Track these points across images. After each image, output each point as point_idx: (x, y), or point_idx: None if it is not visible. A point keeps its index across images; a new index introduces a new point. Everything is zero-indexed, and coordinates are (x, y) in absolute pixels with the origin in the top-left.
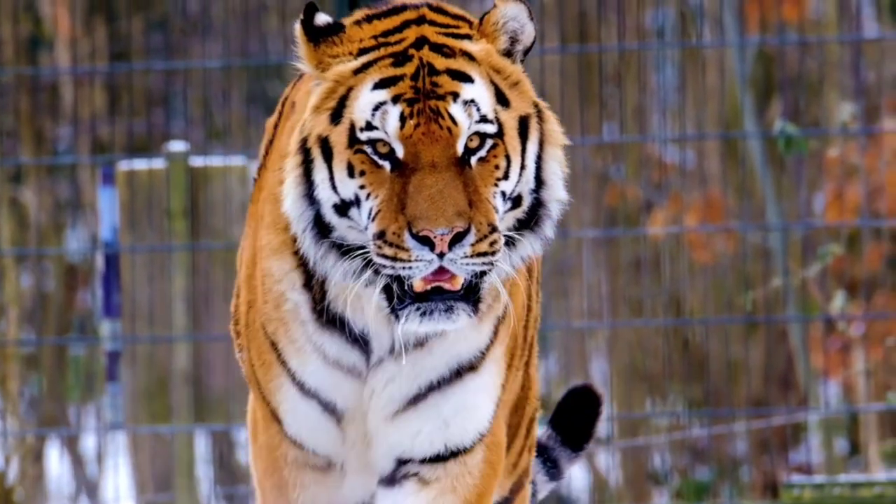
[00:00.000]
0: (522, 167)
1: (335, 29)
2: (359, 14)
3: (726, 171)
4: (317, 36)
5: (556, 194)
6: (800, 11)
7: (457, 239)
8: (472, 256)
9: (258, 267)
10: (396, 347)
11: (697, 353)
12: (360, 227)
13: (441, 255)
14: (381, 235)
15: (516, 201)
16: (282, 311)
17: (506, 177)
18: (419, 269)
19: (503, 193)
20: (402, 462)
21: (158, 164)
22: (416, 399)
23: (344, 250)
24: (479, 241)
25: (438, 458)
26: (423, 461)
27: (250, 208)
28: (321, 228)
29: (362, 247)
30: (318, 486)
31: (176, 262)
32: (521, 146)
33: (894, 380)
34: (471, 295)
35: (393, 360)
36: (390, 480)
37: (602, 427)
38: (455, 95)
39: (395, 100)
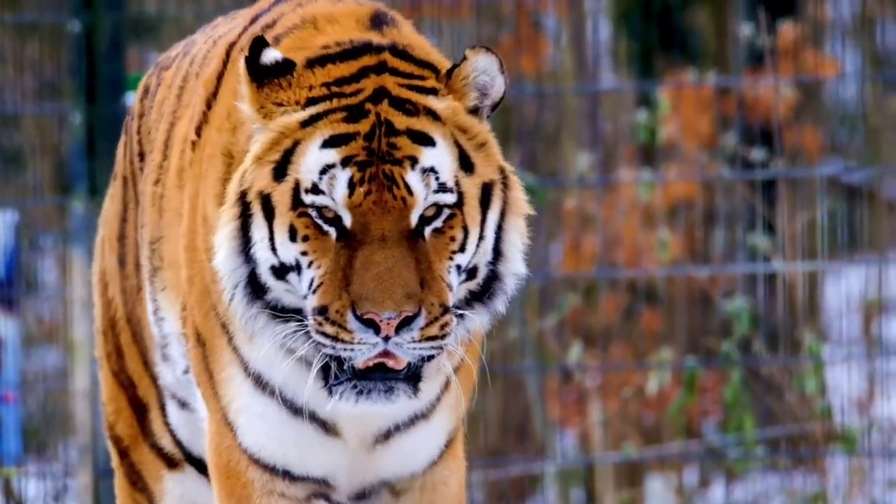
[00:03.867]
0: (481, 238)
1: (283, 69)
2: (310, 52)
3: None
4: (262, 76)
5: (514, 268)
6: (537, 62)
7: (405, 323)
8: (420, 341)
9: (202, 240)
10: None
11: None
12: (297, 293)
13: (386, 339)
14: (322, 311)
15: (471, 273)
16: None
17: (462, 249)
18: (362, 351)
19: (458, 267)
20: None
21: None
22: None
23: (276, 313)
24: (429, 324)
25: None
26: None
27: (189, 170)
28: (254, 288)
29: (297, 310)
30: None
31: None
32: (482, 215)
33: (630, 430)
34: (413, 375)
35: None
36: (360, 496)
37: None
38: (413, 161)
39: (346, 162)
